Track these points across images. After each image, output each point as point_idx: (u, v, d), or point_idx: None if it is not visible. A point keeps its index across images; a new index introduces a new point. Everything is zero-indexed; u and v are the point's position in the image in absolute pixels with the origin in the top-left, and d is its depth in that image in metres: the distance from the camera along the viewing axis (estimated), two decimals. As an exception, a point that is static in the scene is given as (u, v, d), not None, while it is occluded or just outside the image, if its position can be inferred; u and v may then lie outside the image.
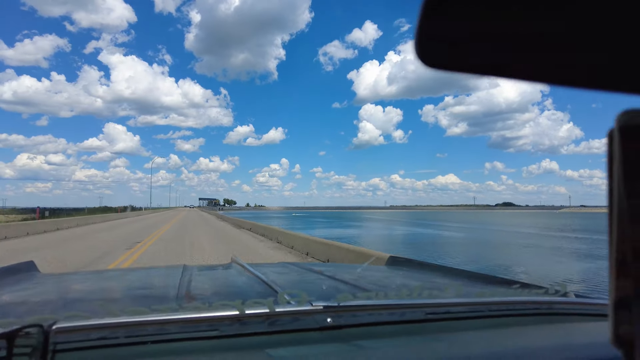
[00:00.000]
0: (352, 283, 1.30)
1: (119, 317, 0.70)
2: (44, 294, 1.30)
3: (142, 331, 0.69)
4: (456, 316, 0.88)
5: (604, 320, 0.87)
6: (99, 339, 0.67)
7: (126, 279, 1.62)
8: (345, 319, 0.80)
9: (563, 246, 20.69)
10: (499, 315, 0.90)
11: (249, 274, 1.40)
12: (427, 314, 0.85)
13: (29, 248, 11.80)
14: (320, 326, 0.76)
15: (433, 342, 0.76)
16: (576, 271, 12.70)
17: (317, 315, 0.79)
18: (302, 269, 1.75)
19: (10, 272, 1.56)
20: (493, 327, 0.85)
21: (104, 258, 9.72)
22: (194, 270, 1.59)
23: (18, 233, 16.36)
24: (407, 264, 1.87)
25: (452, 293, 0.99)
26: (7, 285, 1.35)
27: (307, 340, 0.73)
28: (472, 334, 0.81)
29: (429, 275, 1.55)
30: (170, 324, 0.72)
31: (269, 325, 0.75)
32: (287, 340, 0.72)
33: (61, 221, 22.90)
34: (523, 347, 0.77)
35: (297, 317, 0.78)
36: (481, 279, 1.34)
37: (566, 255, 17.01)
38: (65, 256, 9.89)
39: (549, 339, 0.80)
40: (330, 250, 8.70)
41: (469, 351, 0.73)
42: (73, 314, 0.70)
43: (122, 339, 0.67)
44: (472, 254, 17.75)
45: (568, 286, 1.05)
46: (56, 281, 1.57)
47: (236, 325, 0.74)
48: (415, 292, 0.93)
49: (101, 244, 13.22)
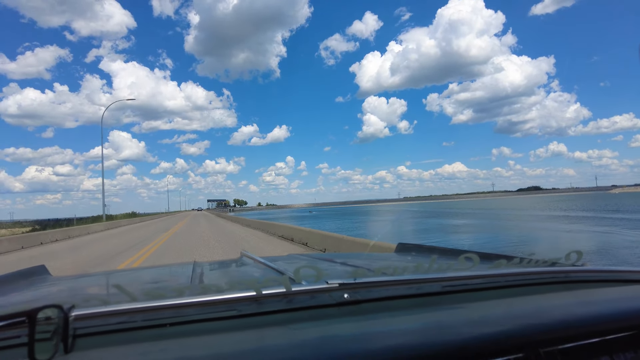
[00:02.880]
0: (365, 267, 1.30)
1: (137, 302, 0.70)
2: (58, 293, 1.30)
3: (160, 315, 0.70)
4: (473, 287, 0.87)
5: (621, 285, 0.93)
6: (118, 324, 0.67)
7: (138, 277, 1.64)
8: (362, 294, 0.80)
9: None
10: (515, 285, 0.90)
11: (260, 264, 1.41)
12: (443, 287, 0.86)
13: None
14: (338, 302, 0.77)
15: (450, 313, 0.77)
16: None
17: (333, 292, 0.80)
18: (313, 258, 1.79)
19: (23, 276, 1.56)
20: (510, 296, 0.86)
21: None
22: (205, 265, 1.63)
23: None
24: (416, 249, 1.83)
25: (468, 266, 0.95)
26: (21, 288, 1.37)
27: (325, 316, 0.73)
28: (489, 303, 0.82)
29: (443, 259, 1.44)
30: (187, 307, 0.71)
31: (287, 304, 0.76)
32: (305, 316, 0.73)
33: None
34: (539, 306, 0.80)
35: (313, 295, 0.79)
36: (495, 258, 1.25)
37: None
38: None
39: (567, 304, 0.81)
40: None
41: (485, 314, 0.75)
42: (90, 297, 0.71)
43: (140, 322, 0.68)
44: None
45: (584, 255, 1.00)
46: (69, 282, 1.56)
47: (254, 305, 0.75)
48: (430, 267, 0.94)
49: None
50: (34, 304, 0.59)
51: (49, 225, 36.01)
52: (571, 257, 0.99)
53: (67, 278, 1.72)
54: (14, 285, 1.37)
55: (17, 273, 1.55)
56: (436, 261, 0.96)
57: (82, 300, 0.70)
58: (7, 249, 14.78)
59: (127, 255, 11.11)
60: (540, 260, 1.03)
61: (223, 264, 1.83)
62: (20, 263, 10.66)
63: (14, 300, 1.16)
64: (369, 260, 1.67)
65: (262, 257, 1.48)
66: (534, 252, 1.09)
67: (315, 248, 10.22)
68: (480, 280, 0.90)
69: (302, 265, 0.96)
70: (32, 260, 10.73)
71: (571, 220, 28.22)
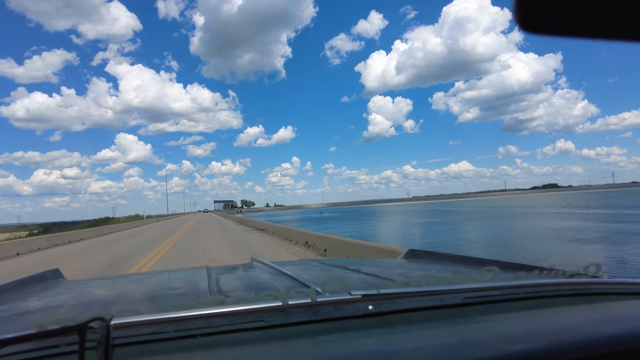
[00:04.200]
0: (380, 275, 1.30)
1: (169, 313, 0.71)
2: (76, 297, 1.30)
3: (190, 325, 0.70)
4: (494, 299, 0.87)
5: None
6: (151, 334, 0.68)
7: (152, 282, 1.63)
8: (386, 305, 0.80)
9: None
10: (536, 297, 0.89)
11: (272, 270, 1.42)
12: (465, 299, 0.85)
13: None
14: (363, 313, 0.77)
15: (473, 325, 0.76)
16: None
17: (357, 303, 0.79)
18: (324, 264, 1.73)
19: (38, 280, 1.57)
20: (531, 308, 0.85)
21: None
22: (218, 270, 1.64)
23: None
24: (427, 256, 1.81)
25: (489, 277, 0.95)
26: (37, 292, 1.38)
27: (351, 327, 0.73)
28: (510, 316, 0.81)
29: (453, 266, 1.45)
30: (217, 318, 0.72)
31: (313, 315, 0.76)
32: (331, 328, 0.73)
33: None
34: (564, 322, 0.78)
35: (338, 306, 0.79)
36: (509, 267, 1.26)
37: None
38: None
39: (588, 318, 0.81)
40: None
41: (510, 329, 0.75)
42: (125, 309, 0.71)
43: (172, 333, 0.69)
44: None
45: (603, 267, 1.01)
46: (84, 286, 1.57)
47: (281, 316, 0.75)
48: (452, 278, 0.93)
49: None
50: (56, 310, 0.65)
51: (49, 229, 33.05)
52: (590, 270, 0.99)
53: (81, 282, 1.76)
54: (31, 290, 1.40)
55: (32, 277, 1.59)
56: (458, 269, 0.95)
57: (118, 311, 0.72)
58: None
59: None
60: (559, 272, 1.01)
61: (237, 269, 1.82)
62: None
63: (37, 305, 1.18)
64: (383, 267, 1.65)
65: (273, 262, 1.51)
66: (554, 263, 1.05)
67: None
68: (500, 291, 0.89)
69: (316, 274, 0.91)
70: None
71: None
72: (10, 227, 59.86)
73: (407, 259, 1.84)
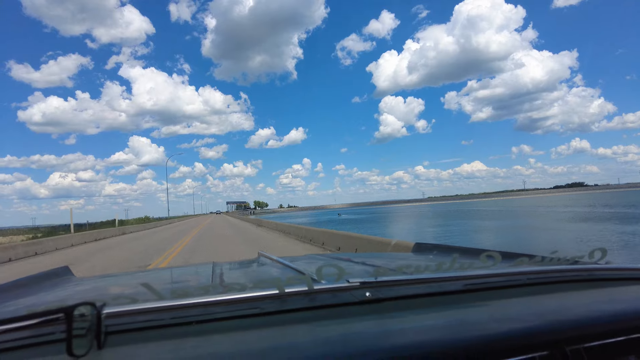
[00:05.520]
0: (385, 266, 1.31)
1: (165, 301, 0.72)
2: (84, 293, 1.31)
3: (186, 313, 0.71)
4: (495, 286, 0.86)
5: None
6: (146, 321, 0.69)
7: (159, 277, 1.66)
8: (384, 292, 0.80)
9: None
10: (538, 283, 0.89)
11: (279, 264, 1.42)
12: (465, 285, 0.85)
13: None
14: (360, 300, 0.77)
15: (472, 311, 0.76)
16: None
17: (355, 290, 0.80)
18: (330, 258, 1.74)
19: (47, 277, 1.59)
20: (533, 294, 0.84)
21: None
22: (224, 265, 1.63)
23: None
24: (434, 249, 1.80)
25: (490, 264, 0.94)
26: (46, 289, 1.39)
27: (348, 314, 0.74)
28: (511, 301, 0.80)
29: (461, 258, 1.44)
30: (213, 306, 0.73)
31: (310, 301, 0.77)
32: (327, 314, 0.74)
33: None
34: (563, 303, 0.78)
35: (335, 293, 0.80)
36: (516, 257, 1.22)
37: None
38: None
39: (593, 302, 0.80)
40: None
41: (508, 311, 0.75)
42: (120, 296, 0.71)
43: (168, 320, 0.69)
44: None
45: (608, 253, 0.96)
46: (93, 283, 1.58)
47: (277, 303, 0.75)
48: (451, 265, 0.93)
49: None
50: (64, 303, 0.64)
51: (43, 234, 29.95)
52: (595, 255, 0.95)
53: (90, 279, 1.75)
54: (40, 286, 1.41)
55: (42, 274, 1.60)
56: (457, 260, 0.95)
57: (112, 298, 0.73)
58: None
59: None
60: (562, 259, 1.00)
61: (242, 264, 1.82)
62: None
63: (43, 300, 1.18)
64: (388, 259, 1.67)
65: (280, 257, 1.50)
66: (557, 250, 1.05)
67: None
68: (502, 278, 0.88)
69: (323, 265, 0.95)
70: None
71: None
72: (23, 229, 58.02)
73: (415, 253, 1.85)
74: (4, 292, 1.26)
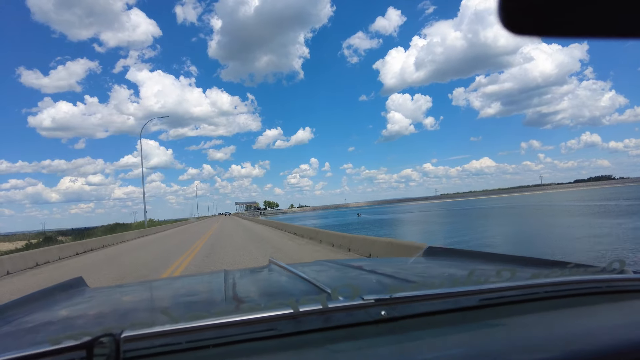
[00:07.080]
0: (396, 276, 1.27)
1: (180, 323, 0.71)
2: (99, 306, 1.32)
3: (202, 335, 0.70)
4: (511, 300, 0.84)
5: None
6: (163, 345, 0.68)
7: (172, 287, 1.67)
8: (399, 310, 0.79)
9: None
10: (556, 296, 0.86)
11: (289, 273, 1.43)
12: (481, 300, 0.83)
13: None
14: (375, 319, 0.76)
15: (490, 328, 0.74)
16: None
17: (369, 308, 0.79)
18: (340, 265, 1.73)
19: (61, 289, 1.58)
20: (551, 308, 0.81)
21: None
22: (236, 274, 1.65)
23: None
24: (445, 253, 1.80)
25: (505, 277, 0.90)
26: (61, 301, 1.39)
27: (364, 334, 0.72)
28: (529, 317, 0.78)
29: (473, 263, 1.44)
30: (228, 327, 0.72)
31: (324, 322, 0.76)
32: (343, 335, 0.72)
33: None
34: (585, 327, 0.74)
35: (350, 312, 0.78)
36: (530, 263, 1.22)
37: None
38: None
39: (612, 317, 0.77)
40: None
41: (528, 335, 0.70)
42: (137, 322, 0.71)
43: (184, 345, 0.69)
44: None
45: (626, 263, 0.95)
46: (107, 294, 1.59)
47: (292, 324, 0.74)
48: (467, 279, 0.90)
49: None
50: (78, 320, 0.65)
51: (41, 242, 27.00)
52: (614, 266, 0.94)
53: (104, 289, 1.76)
54: (55, 299, 1.42)
55: (57, 286, 1.60)
56: (473, 270, 0.89)
57: (122, 315, 0.70)
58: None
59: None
60: (580, 268, 0.98)
61: (254, 272, 1.84)
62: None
63: (59, 316, 1.18)
64: (399, 267, 1.63)
65: (289, 265, 1.53)
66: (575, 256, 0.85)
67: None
68: (518, 292, 0.85)
69: (332, 276, 0.86)
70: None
71: None
72: (29, 234, 55.61)
73: (426, 257, 1.83)
74: (20, 307, 1.25)
